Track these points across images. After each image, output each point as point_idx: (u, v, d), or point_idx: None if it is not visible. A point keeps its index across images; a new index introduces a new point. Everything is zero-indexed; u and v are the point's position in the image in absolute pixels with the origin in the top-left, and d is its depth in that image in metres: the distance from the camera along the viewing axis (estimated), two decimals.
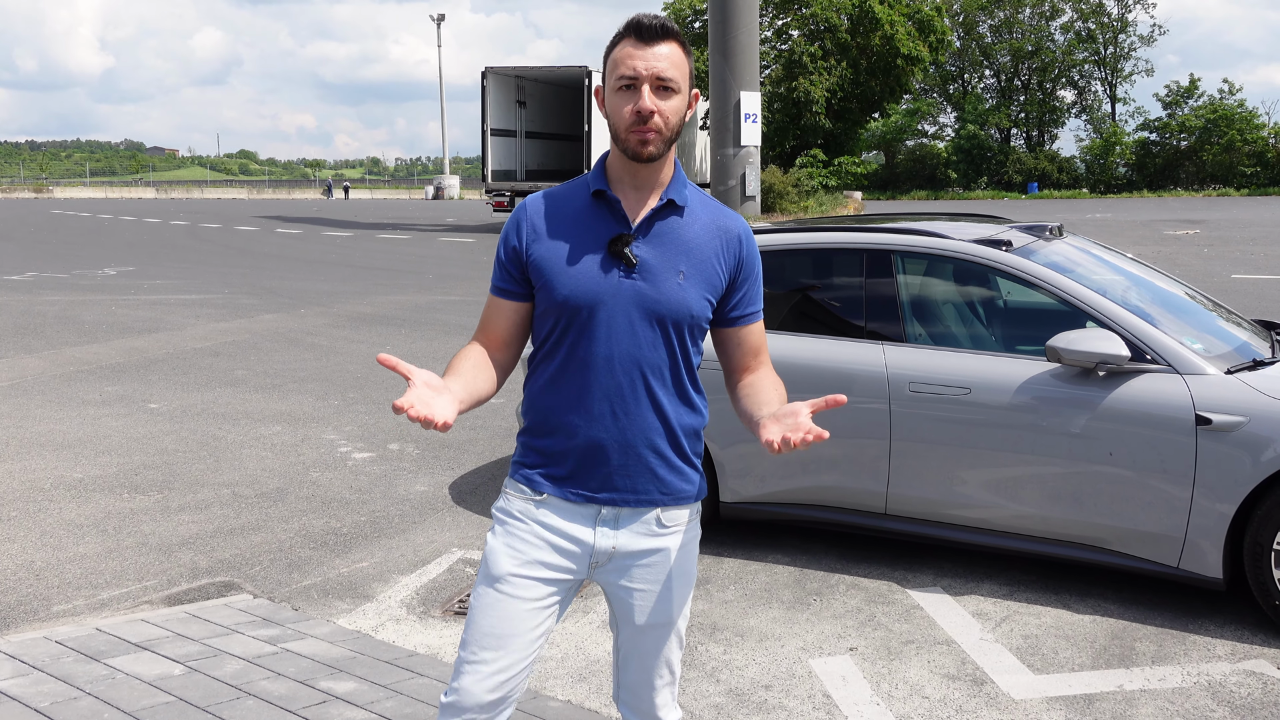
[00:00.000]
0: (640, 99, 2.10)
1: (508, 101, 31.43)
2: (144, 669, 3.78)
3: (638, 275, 2.16)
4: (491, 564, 2.23)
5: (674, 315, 2.17)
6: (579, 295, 2.15)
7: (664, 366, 2.20)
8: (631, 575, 2.27)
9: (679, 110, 2.15)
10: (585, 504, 2.22)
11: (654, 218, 2.19)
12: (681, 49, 2.15)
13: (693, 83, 2.18)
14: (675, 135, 2.16)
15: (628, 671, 2.35)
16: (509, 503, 2.28)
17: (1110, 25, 75.50)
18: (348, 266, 20.66)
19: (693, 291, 2.18)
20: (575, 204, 2.23)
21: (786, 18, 47.78)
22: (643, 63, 2.10)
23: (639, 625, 2.29)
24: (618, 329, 2.16)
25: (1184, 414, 4.15)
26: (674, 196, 2.20)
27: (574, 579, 2.26)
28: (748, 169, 32.12)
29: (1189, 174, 67.56)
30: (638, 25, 2.12)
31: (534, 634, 2.21)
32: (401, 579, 4.84)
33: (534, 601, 2.21)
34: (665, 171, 2.22)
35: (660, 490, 2.24)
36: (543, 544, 2.22)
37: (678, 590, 2.30)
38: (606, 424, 2.18)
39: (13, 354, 10.56)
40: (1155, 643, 4.12)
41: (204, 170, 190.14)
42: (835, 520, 4.91)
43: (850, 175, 44.58)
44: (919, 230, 4.98)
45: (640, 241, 2.17)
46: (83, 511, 5.72)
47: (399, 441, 7.27)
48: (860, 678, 3.86)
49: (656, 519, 2.25)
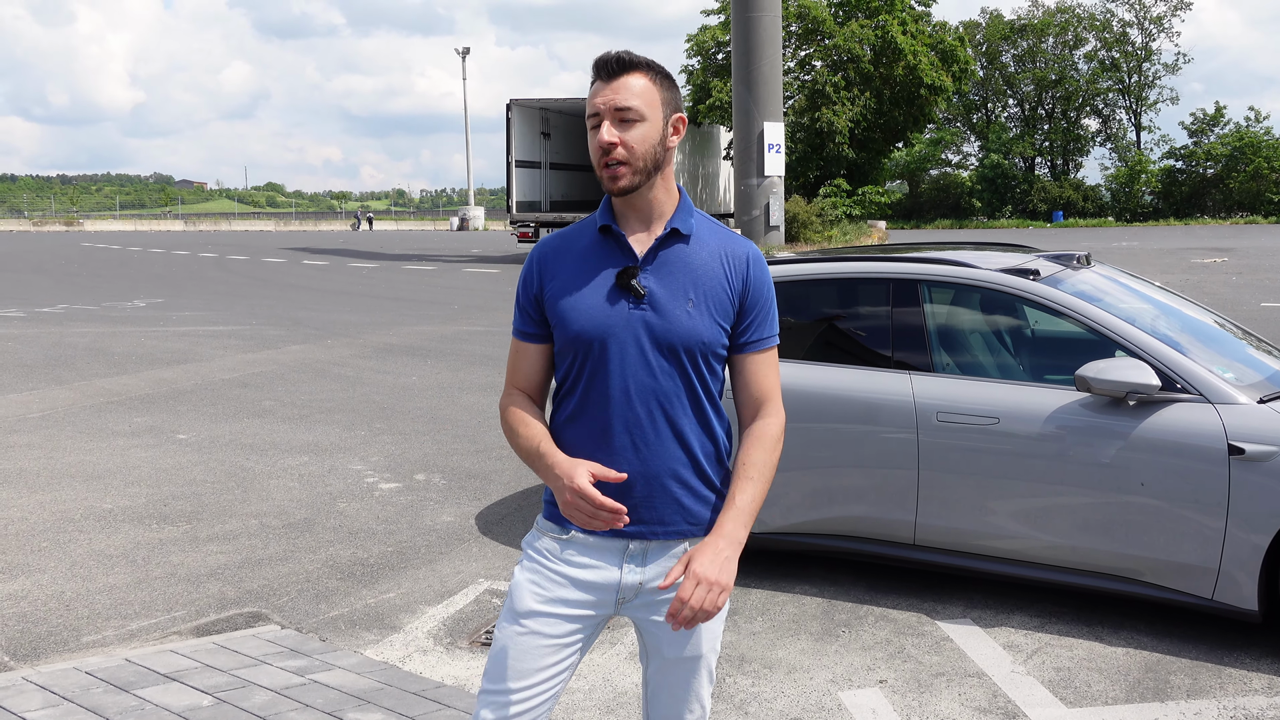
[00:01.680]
0: (600, 133, 2.13)
1: (532, 133, 31.65)
2: (173, 700, 3.79)
3: (646, 306, 2.16)
4: (516, 599, 2.24)
5: (685, 343, 2.17)
6: (590, 330, 2.17)
7: (681, 395, 2.19)
8: (661, 609, 2.25)
9: (646, 138, 2.14)
10: (612, 539, 2.21)
11: (659, 247, 2.20)
12: (648, 77, 2.15)
13: (669, 109, 2.18)
14: (650, 164, 2.16)
15: (657, 705, 2.34)
16: (538, 539, 2.29)
17: (1134, 54, 75.34)
18: (374, 297, 20.80)
19: (702, 319, 2.18)
20: (584, 241, 2.25)
21: (809, 49, 48.01)
22: (602, 98, 2.13)
23: (668, 659, 2.28)
24: (630, 361, 2.16)
25: (1216, 444, 4.11)
26: (678, 225, 2.20)
27: (600, 615, 2.26)
28: (771, 199, 32.17)
29: (1216, 202, 67.15)
30: (600, 63, 2.15)
31: (554, 670, 2.21)
32: (428, 610, 4.84)
33: (556, 639, 2.21)
34: (667, 202, 2.22)
35: (686, 520, 2.22)
36: (567, 582, 2.22)
37: (707, 624, 2.27)
38: (629, 456, 2.18)
39: (44, 385, 10.67)
40: (1190, 676, 4.06)
41: (232, 203, 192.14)
42: (863, 551, 4.88)
43: (874, 205, 44.59)
44: (946, 260, 4.97)
45: (647, 272, 2.18)
46: (112, 542, 5.76)
47: (425, 472, 7.29)
48: (890, 710, 3.83)
49: (685, 552, 2.23)
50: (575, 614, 2.22)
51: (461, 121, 79.94)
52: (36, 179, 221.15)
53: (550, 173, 32.79)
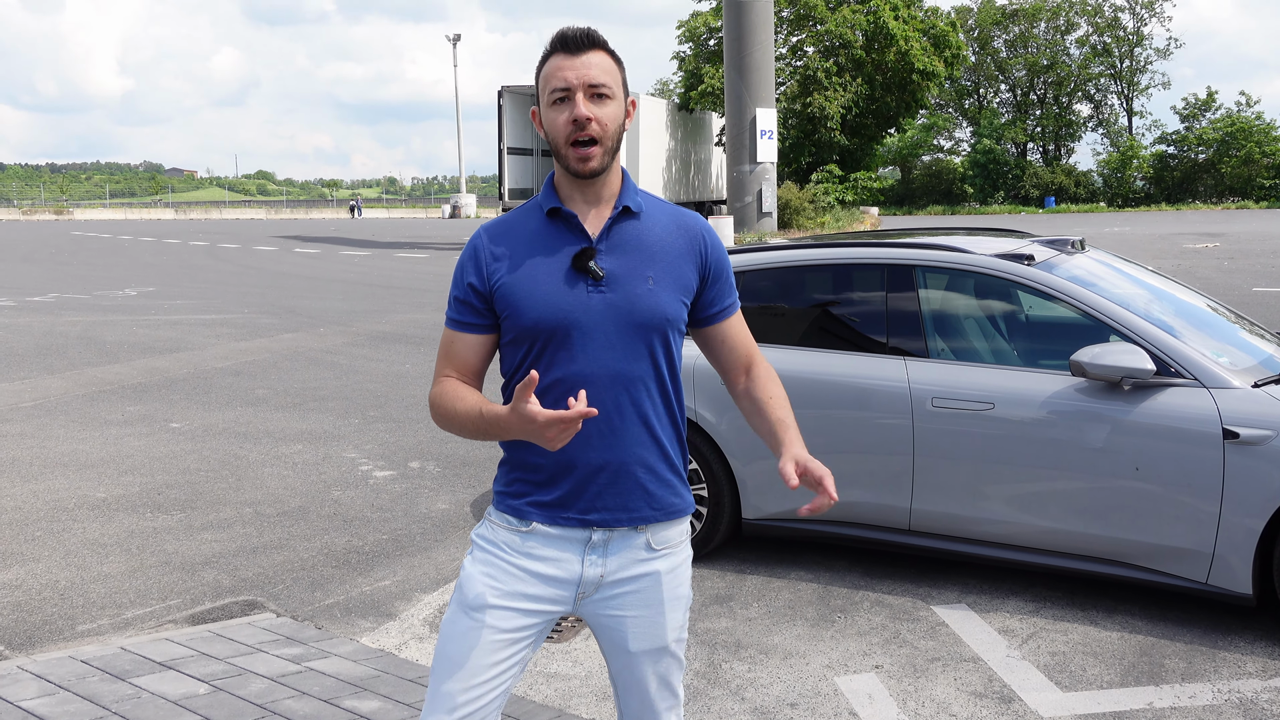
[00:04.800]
0: (575, 106, 2.05)
1: (524, 120, 31.58)
2: (169, 688, 3.78)
3: (606, 287, 2.10)
4: (468, 591, 2.15)
5: (649, 322, 2.11)
6: (549, 317, 2.08)
7: (648, 378, 2.14)
8: (622, 603, 2.19)
9: (616, 117, 2.10)
10: (575, 528, 2.14)
11: (612, 226, 2.14)
12: (611, 58, 2.11)
13: (627, 91, 2.14)
14: (616, 144, 2.11)
15: (630, 701, 2.28)
16: (493, 531, 2.19)
17: (1126, 39, 75.41)
18: (366, 285, 20.76)
19: (664, 295, 2.12)
20: (530, 226, 2.16)
21: (801, 34, 47.93)
22: (573, 72, 2.06)
23: (633, 652, 2.21)
24: (595, 345, 2.09)
25: (1211, 428, 4.11)
26: (628, 203, 2.15)
27: (555, 611, 2.18)
28: (764, 185, 32.13)
29: (1207, 187, 67.32)
30: (562, 38, 2.09)
31: (506, 665, 2.13)
32: (424, 597, 4.84)
33: (509, 633, 2.13)
34: (614, 182, 2.16)
35: (650, 505, 2.16)
36: (526, 575, 2.15)
37: (670, 614, 2.22)
38: (594, 444, 2.11)
39: (35, 374, 10.64)
40: (1185, 659, 4.07)
41: (222, 191, 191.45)
42: (858, 536, 4.89)
43: (866, 191, 44.62)
44: (941, 245, 4.97)
45: (604, 253, 2.11)
46: (106, 531, 5.75)
47: (419, 460, 7.28)
48: (886, 695, 3.84)
49: (646, 543, 2.18)
50: (532, 609, 2.15)
51: (453, 108, 79.69)
52: (25, 168, 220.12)
53: (543, 159, 32.73)
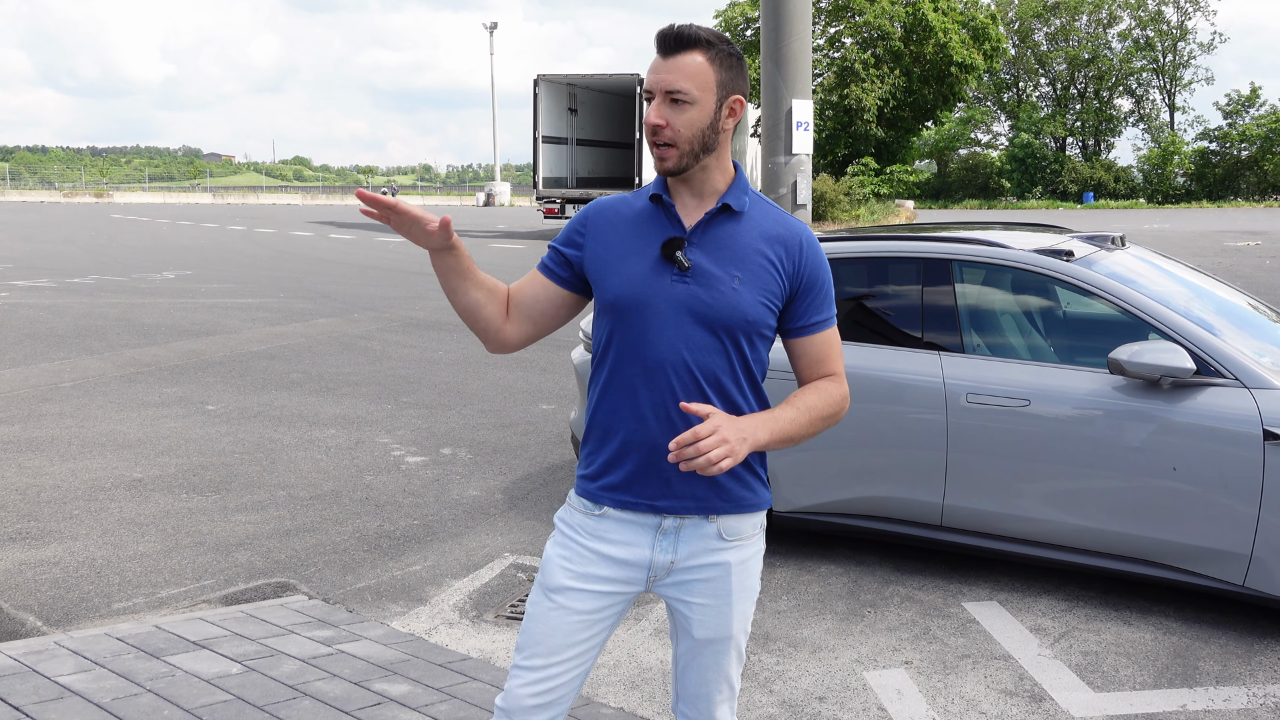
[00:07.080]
0: (650, 110, 2.12)
1: (559, 109, 31.57)
2: (202, 667, 3.83)
3: (691, 279, 2.12)
4: (547, 574, 2.24)
5: (728, 320, 2.12)
6: (627, 296, 2.14)
7: (722, 373, 2.14)
8: (691, 590, 2.24)
9: (693, 123, 2.10)
10: (645, 514, 2.18)
11: (708, 222, 2.16)
12: (706, 56, 2.10)
13: (725, 91, 2.12)
14: (698, 147, 2.12)
15: (686, 683, 2.33)
16: (570, 515, 2.27)
17: (1169, 33, 74.35)
18: (400, 272, 20.84)
19: (748, 296, 2.12)
20: (635, 208, 2.23)
21: (839, 25, 47.62)
22: (656, 75, 2.11)
23: (697, 639, 2.27)
24: (669, 333, 2.12)
25: (1251, 429, 4.06)
26: (731, 201, 2.16)
27: (630, 591, 2.24)
28: (799, 177, 31.98)
29: (1250, 184, 66.31)
30: (660, 38, 2.13)
31: (584, 645, 2.21)
32: (454, 583, 4.87)
33: (585, 614, 2.20)
34: (720, 178, 2.19)
35: (721, 498, 2.19)
36: (598, 558, 2.21)
37: (738, 606, 2.26)
38: (664, 428, 2.14)
39: (75, 355, 10.77)
40: (1219, 662, 4.03)
41: (259, 176, 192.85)
42: (890, 531, 4.87)
43: (902, 184, 44.31)
44: (978, 240, 4.93)
45: (695, 246, 2.14)
46: (142, 511, 5.81)
47: (451, 446, 7.31)
48: (916, 691, 3.82)
49: (717, 533, 2.20)
50: (606, 590, 2.21)
51: (488, 97, 79.88)
52: (67, 150, 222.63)
53: (577, 149, 32.71)
